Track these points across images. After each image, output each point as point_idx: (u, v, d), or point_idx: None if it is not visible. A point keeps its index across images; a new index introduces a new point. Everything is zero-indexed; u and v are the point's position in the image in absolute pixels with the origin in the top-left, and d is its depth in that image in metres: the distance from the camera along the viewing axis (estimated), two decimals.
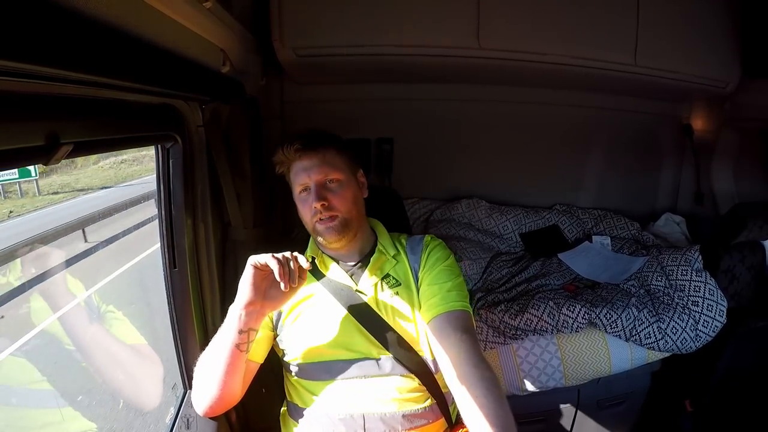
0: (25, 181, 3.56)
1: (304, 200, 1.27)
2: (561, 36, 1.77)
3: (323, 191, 1.25)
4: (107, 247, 4.46)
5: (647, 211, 2.54)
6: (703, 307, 1.80)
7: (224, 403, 1.22)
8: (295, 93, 2.12)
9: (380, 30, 1.72)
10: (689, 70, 1.95)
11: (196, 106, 1.32)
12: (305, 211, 1.28)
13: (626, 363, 1.81)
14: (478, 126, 2.33)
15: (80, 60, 0.68)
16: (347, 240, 1.30)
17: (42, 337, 1.40)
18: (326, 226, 1.25)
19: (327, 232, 1.26)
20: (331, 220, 1.25)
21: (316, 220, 1.26)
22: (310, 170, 1.25)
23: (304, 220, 1.31)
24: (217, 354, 1.16)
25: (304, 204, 1.28)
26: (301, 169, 1.26)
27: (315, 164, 1.25)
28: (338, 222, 1.25)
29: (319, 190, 1.24)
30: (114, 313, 1.45)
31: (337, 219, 1.25)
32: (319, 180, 1.25)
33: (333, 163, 1.27)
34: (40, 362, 1.39)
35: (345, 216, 1.26)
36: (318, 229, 1.27)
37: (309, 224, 1.29)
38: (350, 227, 1.29)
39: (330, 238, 1.27)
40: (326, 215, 1.24)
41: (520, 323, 1.78)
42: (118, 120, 0.99)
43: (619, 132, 2.44)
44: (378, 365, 1.22)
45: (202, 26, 1.11)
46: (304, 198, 1.27)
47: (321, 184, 1.25)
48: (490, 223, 2.37)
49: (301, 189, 1.27)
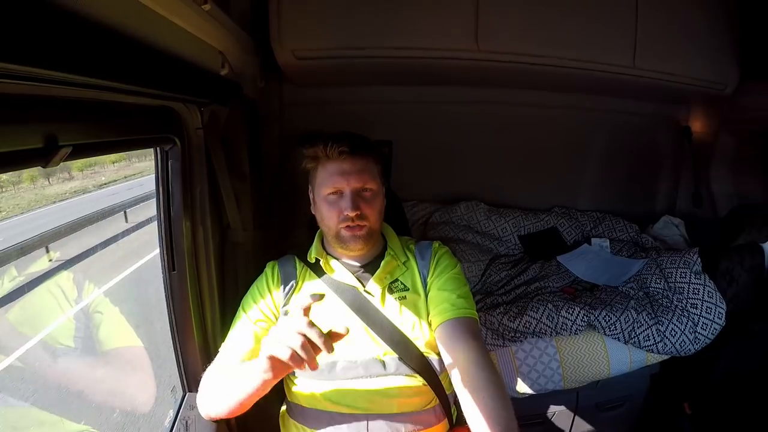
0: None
1: (333, 203, 1.24)
2: (560, 38, 1.77)
3: (358, 199, 1.22)
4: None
5: (646, 213, 2.54)
6: (702, 310, 1.80)
7: (238, 413, 1.20)
8: (293, 95, 2.12)
9: (379, 33, 1.72)
10: (688, 73, 1.95)
11: (195, 109, 1.31)
12: (331, 214, 1.24)
13: (625, 365, 1.81)
14: (477, 128, 2.33)
15: (79, 62, 0.68)
16: (368, 249, 1.30)
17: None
18: (353, 234, 1.23)
19: (353, 240, 1.24)
20: (360, 229, 1.23)
21: (343, 226, 1.23)
22: (349, 175, 1.21)
23: (324, 222, 1.27)
24: (240, 387, 1.08)
25: (331, 207, 1.24)
26: (339, 172, 1.22)
27: (356, 170, 1.22)
28: (365, 232, 1.24)
29: (355, 198, 1.21)
30: (101, 314, 1.44)
31: (365, 228, 1.24)
32: (356, 188, 1.22)
33: (371, 172, 1.25)
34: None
35: (372, 227, 1.26)
36: (343, 235, 1.24)
37: (332, 228, 1.25)
38: (373, 237, 1.28)
39: (354, 246, 1.25)
40: (357, 223, 1.22)
41: (519, 326, 1.78)
42: (116, 122, 0.99)
43: (618, 134, 2.44)
44: (383, 365, 1.21)
45: (201, 29, 1.12)
46: (333, 201, 1.24)
47: (356, 192, 1.22)
48: (489, 225, 2.37)
49: (332, 191, 1.23)
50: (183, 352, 1.43)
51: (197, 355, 1.42)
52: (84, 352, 1.39)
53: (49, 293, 1.42)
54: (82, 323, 1.42)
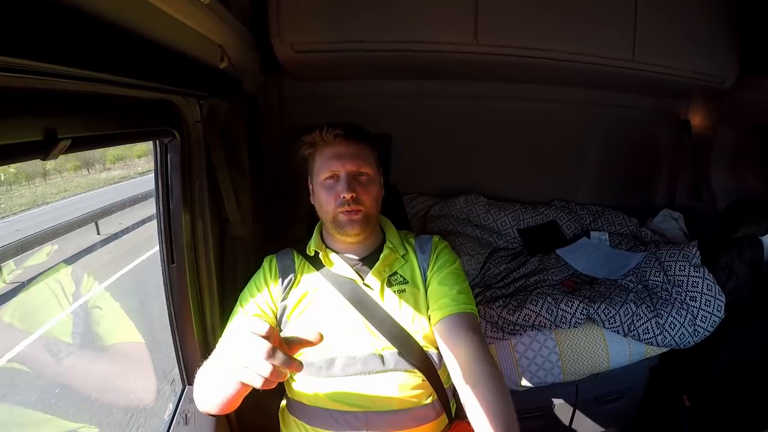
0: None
1: (330, 187, 1.25)
2: (559, 32, 1.77)
3: (354, 182, 1.23)
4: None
5: (645, 206, 2.55)
6: (701, 303, 1.81)
7: (227, 411, 1.20)
8: (293, 89, 2.11)
9: (378, 26, 1.72)
10: (687, 66, 1.95)
11: (194, 102, 1.31)
12: (329, 198, 1.25)
13: (624, 358, 1.82)
14: (476, 122, 2.33)
15: (78, 56, 0.68)
16: (365, 235, 1.30)
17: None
18: (350, 218, 1.24)
19: (349, 225, 1.24)
20: (356, 213, 1.24)
21: (341, 210, 1.24)
22: (344, 158, 1.23)
23: (323, 209, 1.28)
24: (221, 385, 1.08)
25: (329, 191, 1.25)
26: (335, 155, 1.24)
27: (351, 153, 1.24)
28: (362, 216, 1.24)
29: (350, 180, 1.23)
30: (100, 309, 1.44)
31: (361, 213, 1.24)
32: (351, 170, 1.23)
33: (367, 158, 1.26)
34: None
35: (368, 212, 1.26)
36: (340, 219, 1.25)
37: (329, 213, 1.26)
38: (370, 223, 1.28)
39: (351, 230, 1.25)
40: (353, 207, 1.23)
41: (519, 319, 1.79)
42: (116, 115, 0.99)
43: (618, 128, 2.44)
44: (382, 360, 1.21)
45: (200, 22, 1.11)
46: (329, 185, 1.25)
47: (352, 175, 1.24)
48: (489, 218, 2.38)
49: (329, 176, 1.25)
50: (182, 345, 1.43)
51: (197, 348, 1.42)
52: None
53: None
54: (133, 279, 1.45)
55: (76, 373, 1.32)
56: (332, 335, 1.21)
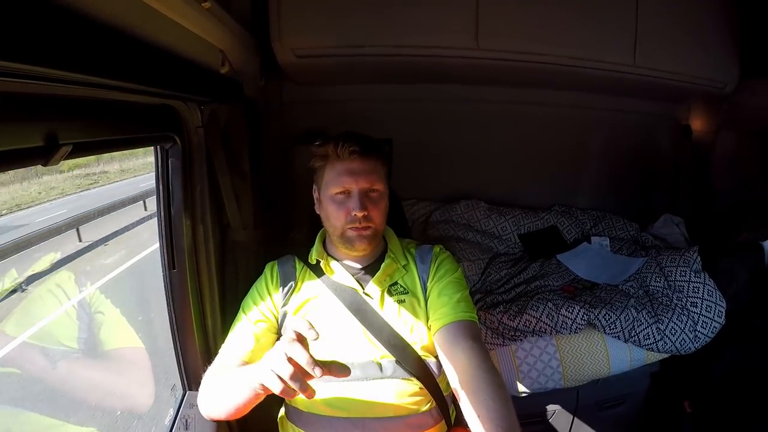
0: None
1: (340, 203, 1.23)
2: (560, 36, 1.77)
3: (365, 200, 1.22)
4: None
5: (646, 211, 2.54)
6: (702, 308, 1.80)
7: (236, 417, 1.19)
8: (294, 94, 2.12)
9: (379, 31, 1.72)
10: (688, 71, 1.95)
11: (195, 107, 1.31)
12: (339, 214, 1.23)
13: (625, 364, 1.81)
14: (477, 127, 2.33)
15: (79, 61, 0.68)
16: (371, 249, 1.30)
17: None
18: (359, 234, 1.23)
19: (358, 240, 1.24)
20: (366, 229, 1.23)
21: (350, 226, 1.23)
22: (358, 175, 1.21)
23: (331, 222, 1.27)
24: (234, 395, 1.09)
25: (339, 207, 1.23)
26: (347, 171, 1.22)
27: (365, 170, 1.22)
28: (371, 232, 1.24)
29: (362, 198, 1.22)
30: (103, 314, 1.44)
31: (371, 229, 1.24)
32: (364, 188, 1.22)
33: (379, 173, 1.25)
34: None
35: (377, 228, 1.26)
36: (349, 235, 1.24)
37: (338, 228, 1.25)
38: (377, 238, 1.29)
39: (360, 246, 1.25)
40: (363, 225, 1.22)
41: (519, 324, 1.78)
42: (117, 121, 0.99)
43: (618, 133, 2.44)
44: (380, 368, 1.21)
45: (201, 27, 1.11)
46: (340, 200, 1.23)
47: (364, 192, 1.23)
48: (489, 224, 2.37)
49: (341, 191, 1.23)
50: (183, 350, 1.43)
51: (197, 353, 1.42)
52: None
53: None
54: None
55: (80, 377, 1.32)
56: (331, 342, 1.21)
